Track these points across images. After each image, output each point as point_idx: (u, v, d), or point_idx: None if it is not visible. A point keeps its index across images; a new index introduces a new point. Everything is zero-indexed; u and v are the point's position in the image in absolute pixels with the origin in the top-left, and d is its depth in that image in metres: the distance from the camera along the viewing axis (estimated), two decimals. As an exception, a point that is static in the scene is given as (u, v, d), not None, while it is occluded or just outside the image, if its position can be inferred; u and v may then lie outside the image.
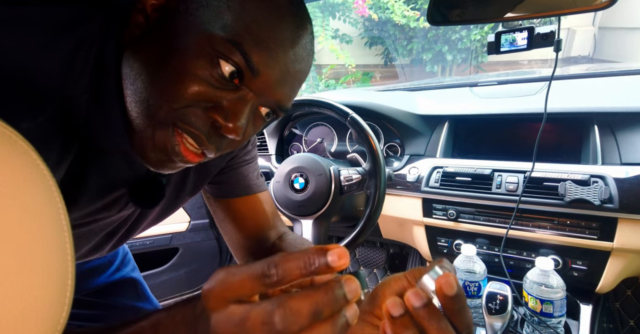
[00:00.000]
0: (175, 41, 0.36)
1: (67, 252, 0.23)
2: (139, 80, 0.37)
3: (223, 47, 0.36)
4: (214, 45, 0.36)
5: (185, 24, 0.36)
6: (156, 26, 0.37)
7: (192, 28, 0.36)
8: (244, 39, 0.36)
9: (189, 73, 0.36)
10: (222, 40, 0.35)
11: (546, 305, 0.80)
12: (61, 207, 0.23)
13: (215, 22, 0.36)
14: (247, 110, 0.39)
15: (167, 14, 0.37)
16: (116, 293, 0.82)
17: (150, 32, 0.37)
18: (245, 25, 0.36)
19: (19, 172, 0.21)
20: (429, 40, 4.55)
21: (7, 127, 0.20)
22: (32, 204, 0.21)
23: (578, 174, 0.85)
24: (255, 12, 0.36)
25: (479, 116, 1.09)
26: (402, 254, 1.65)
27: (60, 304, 0.23)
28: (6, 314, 0.19)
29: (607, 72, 1.24)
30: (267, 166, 1.21)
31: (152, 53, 0.37)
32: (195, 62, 0.36)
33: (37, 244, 0.21)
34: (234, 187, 0.63)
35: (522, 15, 0.72)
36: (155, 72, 0.36)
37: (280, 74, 0.39)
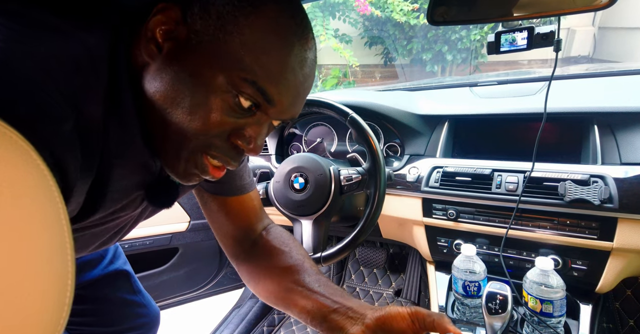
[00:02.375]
0: (195, 77, 0.38)
1: (67, 252, 0.23)
2: (164, 112, 0.40)
3: (240, 84, 0.39)
4: (232, 83, 0.38)
5: (202, 59, 0.38)
6: (171, 58, 0.39)
7: (209, 64, 0.38)
8: (258, 76, 0.39)
9: (212, 108, 0.39)
10: (238, 78, 0.38)
11: (546, 305, 0.80)
12: (61, 207, 0.23)
13: (229, 59, 0.38)
14: (264, 130, 0.44)
15: (180, 45, 0.39)
16: (110, 286, 0.83)
17: (167, 62, 0.39)
18: (259, 62, 0.38)
19: (19, 172, 0.21)
20: (429, 40, 4.55)
21: (7, 127, 0.20)
22: (32, 204, 0.21)
23: (578, 174, 0.85)
24: (267, 45, 0.39)
25: (479, 116, 1.09)
26: (402, 254, 1.65)
27: (60, 304, 0.23)
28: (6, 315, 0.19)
29: (607, 72, 1.24)
30: (267, 166, 1.21)
31: (172, 86, 0.39)
32: (216, 98, 0.39)
33: (37, 244, 0.21)
34: (230, 187, 0.66)
35: (522, 15, 0.72)
36: (178, 106, 0.39)
37: (293, 98, 0.42)
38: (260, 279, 0.65)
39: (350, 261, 1.73)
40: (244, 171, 0.68)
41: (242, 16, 0.38)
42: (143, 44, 0.39)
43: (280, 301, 0.61)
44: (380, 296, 1.61)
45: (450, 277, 1.00)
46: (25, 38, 0.33)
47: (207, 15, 0.38)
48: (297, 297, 0.59)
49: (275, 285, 0.62)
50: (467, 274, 0.90)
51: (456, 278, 0.92)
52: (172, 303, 1.53)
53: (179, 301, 1.54)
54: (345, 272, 1.72)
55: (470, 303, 0.91)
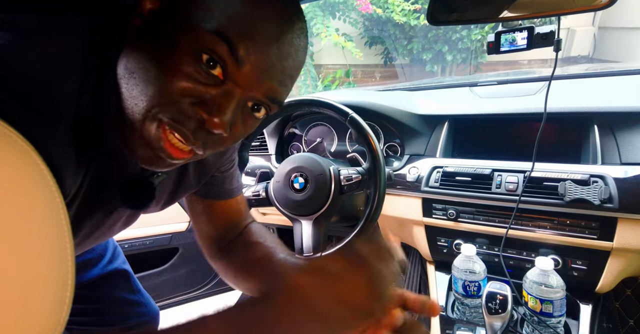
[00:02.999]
0: (165, 40, 0.37)
1: (67, 252, 0.23)
2: (132, 78, 0.37)
3: (208, 39, 0.36)
4: (199, 39, 0.36)
5: (175, 23, 0.37)
6: (149, 28, 0.38)
7: (181, 26, 0.36)
8: (227, 29, 0.36)
9: (175, 69, 0.36)
10: (206, 33, 0.36)
11: (546, 305, 0.80)
12: (61, 207, 0.23)
13: (201, 18, 0.36)
14: (232, 104, 0.39)
15: (160, 16, 0.38)
16: (109, 285, 0.83)
17: (144, 33, 0.38)
18: (230, 18, 0.36)
19: (20, 172, 0.21)
20: (429, 40, 4.55)
21: (8, 127, 0.20)
22: (32, 203, 0.21)
23: (578, 173, 0.85)
24: (240, 5, 0.37)
25: (478, 116, 1.09)
26: (402, 254, 1.65)
27: (60, 304, 0.23)
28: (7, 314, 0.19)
29: (607, 72, 1.24)
30: (267, 165, 1.21)
31: (144, 53, 0.37)
32: (180, 58, 0.36)
33: (37, 244, 0.21)
34: (219, 191, 0.66)
35: (522, 15, 0.72)
36: (146, 71, 0.37)
37: (266, 66, 0.38)
38: (237, 273, 0.64)
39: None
40: (234, 175, 0.68)
41: None
42: (131, 20, 0.38)
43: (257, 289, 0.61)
44: (380, 296, 1.61)
45: (450, 277, 1.00)
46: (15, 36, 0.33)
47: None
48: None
49: (251, 275, 0.62)
50: (467, 274, 0.90)
51: (456, 278, 0.92)
52: (172, 303, 1.52)
53: (178, 301, 1.53)
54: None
55: (470, 303, 0.91)
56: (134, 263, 0.94)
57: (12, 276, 0.20)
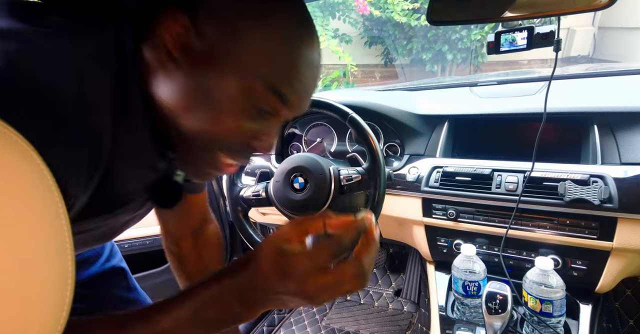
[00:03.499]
0: (213, 86, 0.39)
1: (67, 252, 0.23)
2: (181, 118, 0.40)
3: (258, 90, 0.39)
4: (250, 90, 0.39)
5: (217, 69, 0.38)
6: (185, 67, 0.39)
7: (225, 73, 0.39)
8: (274, 81, 0.39)
9: (232, 117, 0.40)
10: (256, 85, 0.39)
11: (546, 305, 0.80)
12: (61, 207, 0.23)
13: (245, 67, 0.38)
14: (277, 130, 0.46)
15: (193, 55, 0.38)
16: (107, 283, 0.84)
17: (180, 71, 0.39)
18: (273, 67, 0.39)
19: (19, 172, 0.21)
20: (429, 40, 4.55)
21: (7, 127, 0.20)
22: (32, 203, 0.21)
23: (578, 173, 0.85)
24: (279, 51, 0.39)
25: (478, 116, 1.09)
26: (402, 254, 1.65)
27: (60, 304, 0.23)
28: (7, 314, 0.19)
29: (606, 72, 1.24)
30: (267, 165, 1.21)
31: (188, 94, 0.39)
32: (235, 106, 0.40)
33: (36, 244, 0.21)
34: (197, 185, 0.70)
35: (522, 15, 0.72)
36: (197, 113, 0.40)
37: (305, 96, 0.44)
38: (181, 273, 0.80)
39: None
40: None
41: (253, 26, 0.38)
42: (152, 50, 0.39)
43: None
44: (380, 296, 1.61)
45: (450, 277, 1.00)
46: (33, 42, 0.33)
47: (217, 25, 0.38)
48: None
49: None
50: (467, 274, 0.90)
51: (456, 278, 0.92)
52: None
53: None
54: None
55: (470, 303, 0.91)
56: (134, 263, 0.94)
57: (12, 276, 0.20)
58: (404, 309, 1.53)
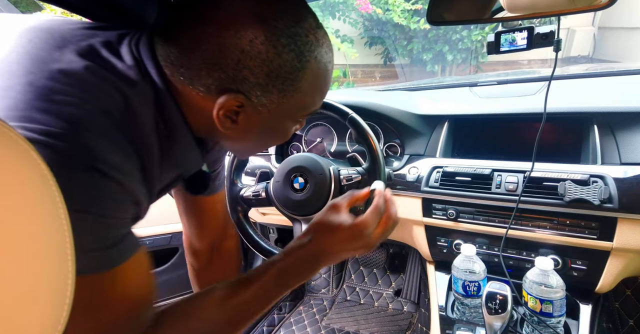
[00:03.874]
0: (269, 128, 0.52)
1: (67, 252, 0.23)
2: (243, 143, 0.57)
3: (301, 116, 0.54)
4: (296, 119, 0.54)
5: (272, 117, 0.50)
6: (245, 122, 0.49)
7: (279, 118, 0.51)
8: (316, 105, 0.53)
9: (282, 136, 0.56)
10: (301, 115, 0.53)
11: (546, 305, 0.80)
12: (61, 206, 0.23)
13: (293, 108, 0.50)
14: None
15: (251, 115, 0.48)
16: None
17: (241, 126, 0.49)
18: (314, 98, 0.51)
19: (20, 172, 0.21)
20: (429, 40, 4.55)
21: (8, 127, 0.20)
22: (32, 203, 0.21)
23: (578, 174, 0.85)
24: (317, 85, 0.50)
25: (478, 116, 1.09)
26: (402, 254, 1.65)
27: (60, 304, 0.23)
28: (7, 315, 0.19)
29: (606, 72, 1.24)
30: (267, 165, 1.21)
31: (251, 135, 0.52)
32: (285, 130, 0.55)
33: (37, 244, 0.21)
34: (213, 185, 0.75)
35: (522, 15, 0.72)
36: (257, 141, 0.57)
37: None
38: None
39: (350, 261, 1.73)
40: (221, 170, 0.78)
41: (297, 80, 0.46)
42: (218, 119, 0.48)
43: None
44: (380, 296, 1.61)
45: (450, 277, 1.00)
46: (91, 96, 0.40)
47: (270, 93, 0.46)
48: None
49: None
50: (467, 274, 0.90)
51: (456, 278, 0.92)
52: (172, 303, 1.52)
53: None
54: (345, 272, 1.72)
55: (470, 303, 0.91)
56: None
57: (12, 276, 0.20)
58: (404, 309, 1.53)
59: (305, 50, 0.45)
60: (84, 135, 0.37)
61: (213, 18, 0.42)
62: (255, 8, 0.43)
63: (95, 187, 0.38)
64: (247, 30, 0.42)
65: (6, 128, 0.20)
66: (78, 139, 0.37)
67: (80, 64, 0.41)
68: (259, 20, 0.42)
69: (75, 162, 0.36)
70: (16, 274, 0.20)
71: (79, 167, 0.37)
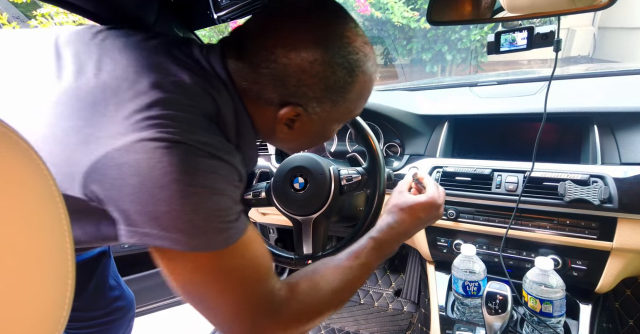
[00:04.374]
0: (320, 131, 0.60)
1: (67, 252, 0.23)
2: (293, 144, 0.66)
3: (346, 121, 0.63)
4: (341, 122, 0.62)
5: (324, 122, 0.58)
6: (301, 126, 0.57)
7: (329, 122, 0.59)
8: (359, 111, 0.61)
9: (328, 137, 0.65)
10: (347, 119, 0.61)
11: (546, 305, 0.80)
12: (61, 206, 0.23)
13: (343, 114, 0.58)
14: None
15: (306, 121, 0.56)
16: (92, 269, 0.86)
17: (297, 129, 0.57)
18: (360, 104, 0.59)
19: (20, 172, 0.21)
20: (429, 40, 4.55)
21: (7, 127, 0.20)
22: (31, 203, 0.21)
23: (578, 174, 0.85)
24: (365, 93, 0.58)
25: (478, 116, 1.09)
26: (402, 254, 1.65)
27: (60, 304, 0.23)
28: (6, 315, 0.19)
29: (606, 72, 1.24)
30: (267, 165, 1.21)
31: (304, 136, 0.60)
32: (332, 132, 0.63)
33: (36, 244, 0.21)
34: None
35: (522, 15, 0.72)
36: (309, 141, 0.65)
37: None
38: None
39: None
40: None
41: (347, 92, 0.54)
42: (277, 123, 0.56)
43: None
44: (380, 296, 1.61)
45: (450, 277, 1.00)
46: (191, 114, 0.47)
47: (323, 103, 0.54)
48: None
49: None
50: (467, 274, 0.90)
51: (456, 278, 0.92)
52: (172, 303, 1.53)
53: (178, 301, 1.54)
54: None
55: (470, 303, 0.91)
56: (134, 263, 0.94)
57: (12, 276, 0.20)
58: (404, 309, 1.53)
59: (355, 66, 0.52)
60: (198, 133, 0.45)
61: (279, 42, 0.50)
62: (315, 33, 0.50)
63: (217, 170, 0.46)
64: (308, 53, 0.49)
65: (6, 128, 0.20)
66: (197, 137, 0.45)
67: (185, 76, 0.49)
68: (318, 44, 0.50)
69: (201, 153, 0.44)
70: (16, 274, 0.20)
71: (205, 156, 0.45)
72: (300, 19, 0.51)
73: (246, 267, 0.48)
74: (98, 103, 0.44)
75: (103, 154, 0.42)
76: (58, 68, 0.49)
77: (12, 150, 0.20)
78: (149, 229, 0.42)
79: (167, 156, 0.41)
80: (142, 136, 0.41)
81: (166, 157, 0.41)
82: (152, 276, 1.41)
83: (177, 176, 0.41)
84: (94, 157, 0.42)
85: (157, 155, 0.41)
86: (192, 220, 0.42)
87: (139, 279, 1.39)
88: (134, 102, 0.44)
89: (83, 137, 0.43)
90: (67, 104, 0.45)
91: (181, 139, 0.43)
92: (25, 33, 0.58)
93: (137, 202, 0.41)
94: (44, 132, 0.44)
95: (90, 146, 0.42)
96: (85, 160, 0.42)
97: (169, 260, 0.45)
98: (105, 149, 0.42)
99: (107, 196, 0.42)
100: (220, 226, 0.45)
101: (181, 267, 0.45)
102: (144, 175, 0.41)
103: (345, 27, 0.52)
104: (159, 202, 0.41)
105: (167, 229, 0.42)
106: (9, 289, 0.19)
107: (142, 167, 0.41)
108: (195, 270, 0.45)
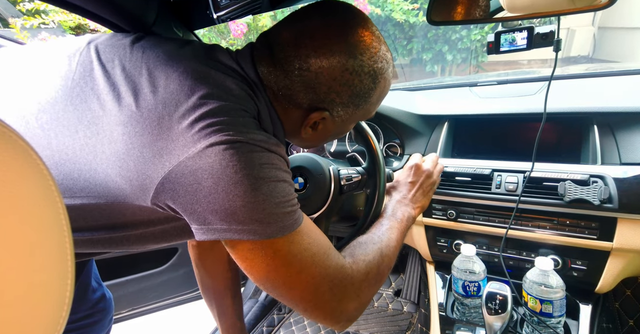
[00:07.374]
0: (340, 131, 0.66)
1: (66, 251, 0.23)
2: (312, 143, 0.69)
3: (363, 120, 0.69)
4: (358, 122, 0.71)
5: (345, 123, 0.63)
6: (324, 127, 0.62)
7: (350, 123, 0.64)
8: (375, 111, 0.65)
9: (344, 134, 0.72)
10: (364, 119, 0.66)
11: (546, 305, 0.80)
12: (61, 206, 0.23)
13: (363, 116, 0.63)
14: None
15: (329, 123, 0.61)
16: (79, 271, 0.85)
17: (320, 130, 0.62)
18: (376, 106, 0.64)
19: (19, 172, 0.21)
20: (429, 40, 4.55)
21: (7, 127, 0.20)
22: (31, 203, 0.21)
23: (577, 174, 0.85)
24: (383, 96, 0.62)
25: (478, 116, 1.09)
26: (402, 254, 1.65)
27: (60, 304, 0.23)
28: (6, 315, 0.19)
29: (606, 72, 1.23)
30: (267, 165, 1.21)
31: (325, 135, 0.65)
32: (348, 131, 0.69)
33: (36, 244, 0.21)
34: None
35: (522, 15, 0.72)
36: (324, 140, 0.69)
37: None
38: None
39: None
40: None
41: (369, 96, 0.58)
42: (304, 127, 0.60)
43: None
44: (380, 296, 1.61)
45: (450, 277, 1.00)
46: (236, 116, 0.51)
47: (347, 107, 0.58)
48: None
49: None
50: (467, 274, 0.90)
51: (456, 278, 0.92)
52: (172, 303, 1.53)
53: (178, 301, 1.54)
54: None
55: (470, 303, 0.91)
56: (134, 263, 0.94)
57: (12, 276, 0.20)
58: (404, 310, 1.53)
59: (379, 74, 0.56)
60: (252, 132, 0.50)
61: (313, 52, 0.52)
62: (347, 44, 0.53)
63: (273, 161, 0.50)
64: (339, 63, 0.53)
65: (6, 128, 0.20)
66: (252, 136, 0.49)
67: (231, 83, 0.53)
68: (349, 54, 0.53)
69: (259, 148, 0.49)
70: (15, 274, 0.20)
71: (263, 150, 0.49)
72: (333, 29, 0.53)
73: (313, 244, 0.52)
74: (163, 117, 0.48)
75: (176, 164, 0.46)
76: (112, 88, 0.52)
77: (12, 150, 0.20)
78: (227, 225, 0.46)
79: (235, 155, 0.46)
80: (210, 142, 0.46)
81: (235, 157, 0.46)
82: (159, 274, 1.41)
83: (247, 171, 0.46)
84: (167, 169, 0.46)
85: (226, 156, 0.46)
86: (265, 209, 0.47)
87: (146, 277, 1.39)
88: (195, 112, 0.48)
89: (157, 150, 0.47)
90: (134, 124, 0.49)
91: (242, 139, 0.48)
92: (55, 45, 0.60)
93: (214, 203, 0.46)
94: (118, 149, 0.49)
95: (163, 158, 0.47)
96: (159, 172, 0.47)
97: (248, 251, 0.48)
98: (177, 159, 0.46)
99: (182, 202, 0.47)
100: (288, 209, 0.49)
101: (261, 256, 0.48)
102: (218, 176, 0.45)
103: (372, 36, 0.55)
104: (234, 199, 0.45)
105: (243, 222, 0.46)
106: (8, 290, 0.19)
107: (215, 169, 0.45)
108: (274, 255, 0.48)
